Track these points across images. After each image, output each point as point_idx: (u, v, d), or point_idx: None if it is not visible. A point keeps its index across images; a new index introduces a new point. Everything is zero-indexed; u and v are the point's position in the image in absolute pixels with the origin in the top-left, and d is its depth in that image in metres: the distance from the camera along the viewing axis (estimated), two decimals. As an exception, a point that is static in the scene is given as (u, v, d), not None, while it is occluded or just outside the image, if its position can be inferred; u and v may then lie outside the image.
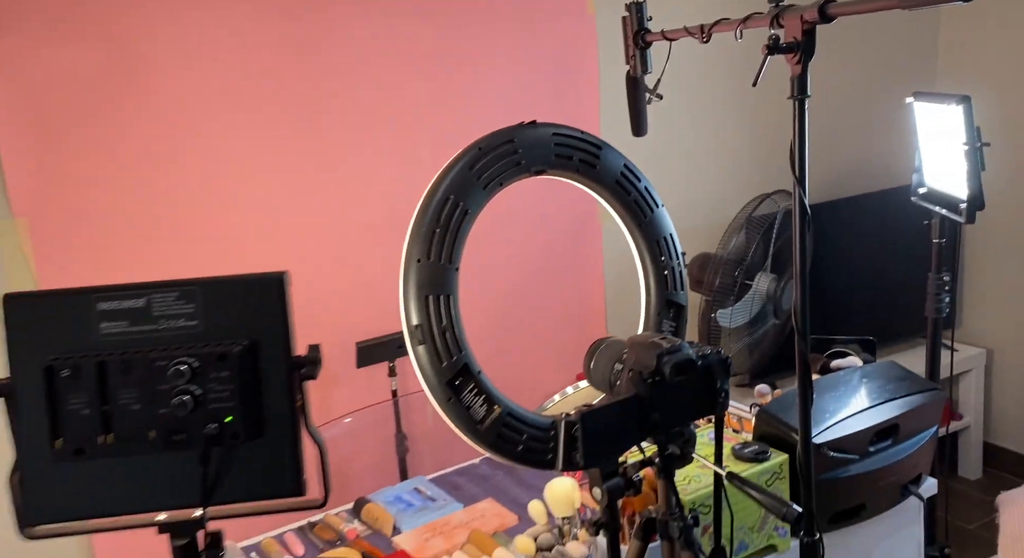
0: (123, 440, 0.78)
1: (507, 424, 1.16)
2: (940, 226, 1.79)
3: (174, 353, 0.78)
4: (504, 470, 1.90)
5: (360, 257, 2.06)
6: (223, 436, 0.78)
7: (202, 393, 0.78)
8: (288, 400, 0.81)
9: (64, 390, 0.77)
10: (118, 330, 0.79)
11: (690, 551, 1.02)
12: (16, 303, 0.78)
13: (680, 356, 0.99)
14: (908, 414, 1.57)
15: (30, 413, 0.78)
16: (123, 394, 0.78)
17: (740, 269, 2.42)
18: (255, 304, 0.80)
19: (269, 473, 0.81)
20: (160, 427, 0.78)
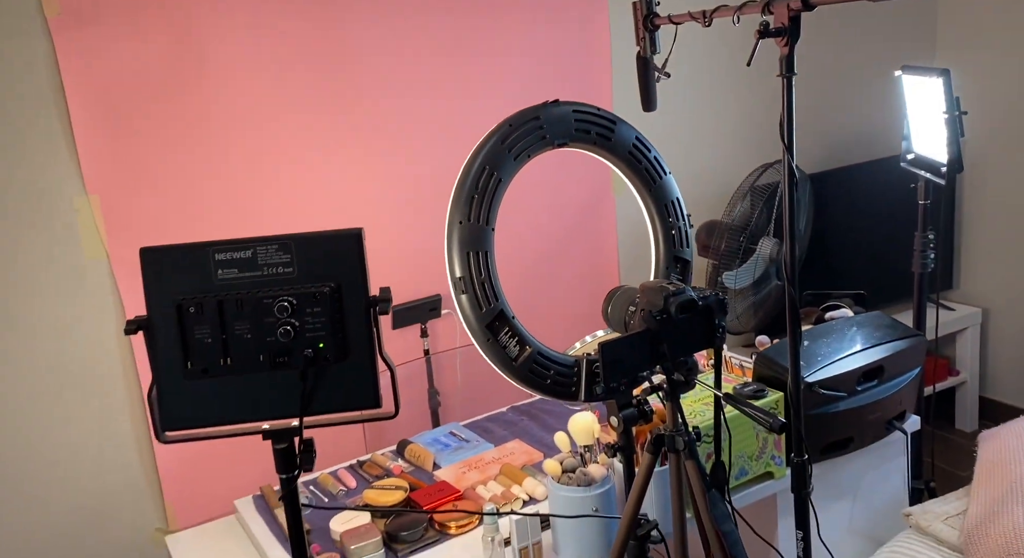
0: (239, 362, 0.98)
1: (537, 362, 1.36)
2: (925, 189, 1.96)
3: (276, 293, 0.98)
4: (528, 416, 2.11)
5: (395, 229, 2.25)
6: (317, 359, 0.98)
7: (299, 325, 0.98)
8: (366, 330, 1.00)
9: (191, 323, 0.97)
10: (231, 275, 0.98)
11: (693, 460, 1.22)
12: (151, 255, 0.98)
13: (684, 297, 1.18)
14: (892, 357, 1.75)
15: (164, 342, 0.98)
16: (237, 326, 0.98)
17: (744, 234, 2.59)
18: (338, 254, 0.99)
19: (352, 389, 1.01)
20: (267, 352, 0.98)
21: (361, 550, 1.50)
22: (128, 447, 1.98)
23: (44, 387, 1.88)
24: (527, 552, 1.45)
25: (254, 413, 1.01)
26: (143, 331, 0.98)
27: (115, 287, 1.92)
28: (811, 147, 2.98)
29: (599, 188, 2.55)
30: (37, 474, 1.89)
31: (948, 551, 1.64)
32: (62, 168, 1.84)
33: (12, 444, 1.86)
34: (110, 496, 1.98)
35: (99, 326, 1.92)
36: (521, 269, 2.46)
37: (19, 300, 1.83)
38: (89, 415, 1.93)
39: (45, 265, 1.85)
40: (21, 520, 1.88)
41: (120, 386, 1.95)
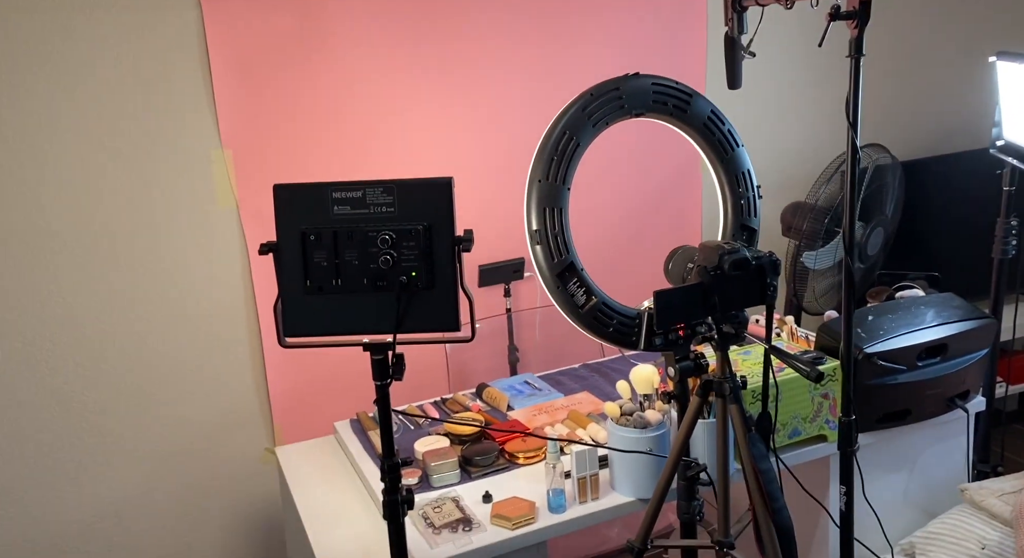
0: (347, 283, 1.18)
1: (601, 310, 1.51)
2: (1011, 175, 1.96)
3: (380, 228, 1.17)
4: (598, 373, 2.26)
5: (487, 194, 2.43)
6: (409, 285, 1.17)
7: (397, 255, 1.17)
8: (451, 264, 1.19)
9: (311, 249, 1.18)
10: (345, 211, 1.18)
11: (737, 405, 1.34)
12: (283, 191, 1.19)
13: (738, 255, 1.30)
14: (958, 336, 1.79)
15: (289, 263, 1.19)
16: (347, 253, 1.18)
17: (829, 216, 2.62)
18: (432, 198, 1.17)
19: (438, 313, 1.19)
20: (370, 276, 1.18)
21: (439, 468, 1.70)
22: (245, 373, 2.26)
23: (175, 317, 2.18)
24: (584, 482, 1.61)
25: (357, 327, 1.21)
26: (273, 253, 1.20)
27: (242, 233, 2.20)
28: (907, 135, 2.95)
29: (689, 163, 2.65)
30: (164, 393, 2.20)
31: (999, 525, 1.69)
32: (203, 123, 2.11)
33: (147, 366, 2.18)
34: (227, 416, 2.28)
35: (226, 266, 2.20)
36: (605, 231, 2.59)
37: (158, 239, 2.13)
38: (213, 343, 2.23)
39: (183, 209, 2.14)
40: (145, 433, 2.21)
41: (241, 318, 2.23)
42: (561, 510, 1.60)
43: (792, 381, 1.69)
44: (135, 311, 2.14)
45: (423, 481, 1.72)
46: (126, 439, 2.18)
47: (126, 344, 2.14)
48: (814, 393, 1.73)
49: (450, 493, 1.67)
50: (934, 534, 1.76)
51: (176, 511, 2.28)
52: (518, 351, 2.65)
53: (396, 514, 1.28)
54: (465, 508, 1.61)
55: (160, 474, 2.24)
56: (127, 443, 2.19)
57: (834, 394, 1.75)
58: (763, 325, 1.36)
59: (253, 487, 2.35)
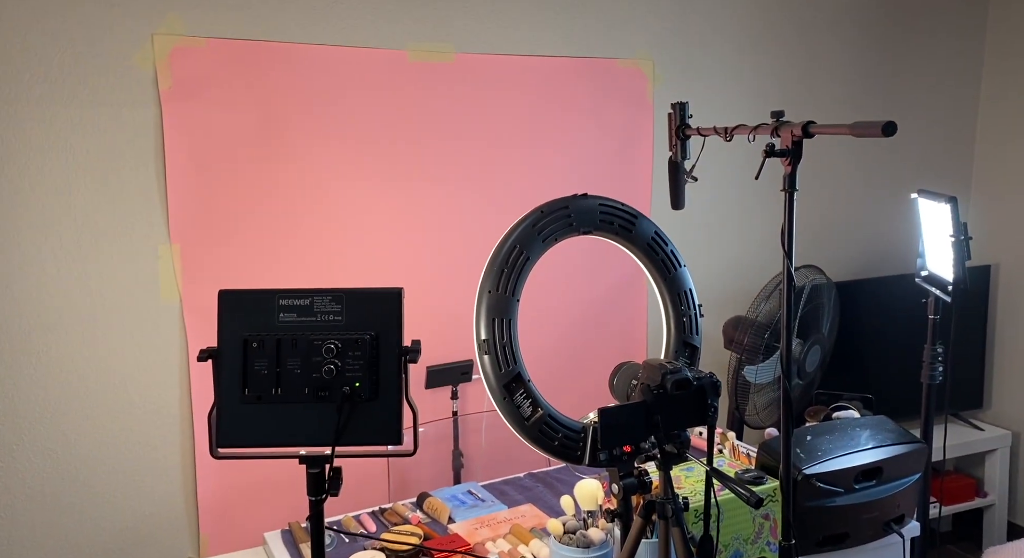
0: (287, 392, 1.16)
1: (547, 423, 1.50)
2: (935, 304, 2.07)
3: (325, 337, 1.16)
4: (543, 483, 2.22)
5: (436, 297, 2.45)
6: (352, 395, 1.16)
7: (341, 365, 1.16)
8: (396, 375, 1.18)
9: (253, 357, 1.16)
10: (291, 319, 1.17)
11: (679, 527, 1.33)
12: (228, 297, 1.18)
13: (680, 375, 1.32)
14: (892, 460, 1.83)
15: (229, 371, 1.17)
16: (290, 361, 1.16)
17: (769, 331, 2.71)
18: (381, 307, 1.18)
19: (380, 425, 1.17)
20: (312, 386, 1.16)
21: (371, 587, 1.62)
22: (173, 477, 2.16)
23: (105, 412, 2.09)
24: (523, 605, 1.55)
25: (295, 439, 1.18)
26: (212, 359, 1.17)
27: (183, 329, 2.15)
28: (840, 258, 3.12)
29: (634, 278, 2.72)
30: (79, 497, 2.08)
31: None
32: (152, 217, 2.10)
33: (69, 460, 2.06)
34: (148, 522, 2.15)
35: (164, 363, 2.14)
36: (552, 341, 2.62)
37: (94, 331, 2.07)
38: (144, 443, 2.13)
39: (125, 302, 2.09)
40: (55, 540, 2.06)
41: (175, 419, 2.15)
42: (498, 635, 1.52)
43: (734, 500, 1.68)
44: (58, 404, 2.04)
45: (354, 600, 1.63)
46: (37, 543, 2.03)
47: (43, 440, 2.03)
48: (755, 514, 1.72)
49: (382, 614, 1.59)
50: None
51: (81, 628, 2.10)
52: (463, 456, 2.60)
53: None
54: (396, 632, 1.52)
55: (67, 586, 2.08)
56: (39, 548, 2.03)
57: (775, 515, 1.75)
58: (706, 438, 1.37)
59: (169, 602, 2.19)
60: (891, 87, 3.12)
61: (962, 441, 3.04)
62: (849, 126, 1.30)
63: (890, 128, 1.21)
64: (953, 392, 3.06)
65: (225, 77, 2.10)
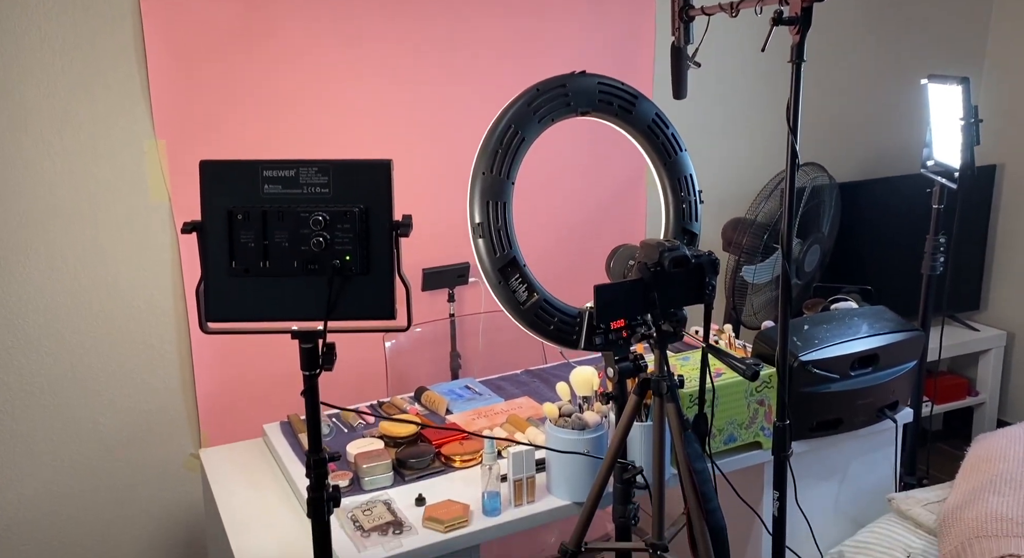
0: (276, 266, 1.13)
1: (543, 308, 1.49)
2: (940, 193, 2.03)
3: (313, 209, 1.13)
4: (540, 379, 2.23)
5: (431, 196, 2.40)
6: (343, 269, 1.13)
7: (330, 238, 1.13)
8: (387, 250, 1.15)
9: (238, 229, 1.13)
10: (276, 191, 1.13)
11: (673, 403, 1.33)
12: (209, 167, 1.14)
13: (678, 253, 1.29)
14: (888, 347, 1.83)
15: (215, 244, 1.14)
16: (277, 234, 1.13)
17: (768, 232, 2.67)
18: (370, 180, 1.14)
19: (372, 300, 1.15)
20: (301, 259, 1.13)
21: (372, 470, 1.64)
22: (171, 374, 2.16)
23: (99, 311, 2.08)
24: (520, 484, 1.58)
25: (286, 313, 1.16)
26: (197, 232, 1.14)
27: (173, 228, 2.11)
28: (843, 158, 3.05)
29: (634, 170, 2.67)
30: (80, 395, 2.09)
31: (924, 534, 1.72)
32: (136, 112, 2.03)
33: (66, 358, 2.06)
34: (149, 419, 2.17)
35: (156, 262, 2.11)
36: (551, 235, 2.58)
37: (83, 232, 2.03)
38: (138, 342, 2.13)
39: (113, 201, 2.05)
40: (59, 437, 2.08)
41: (170, 316, 2.14)
42: (496, 513, 1.56)
43: (729, 386, 1.69)
44: (54, 306, 2.02)
45: (354, 484, 1.66)
46: (37, 442, 2.06)
47: (42, 341, 2.03)
48: (750, 399, 1.73)
49: (381, 496, 1.62)
50: (862, 543, 1.78)
51: (92, 520, 2.15)
52: (460, 357, 2.61)
53: (320, 512, 1.22)
54: (396, 511, 1.55)
55: (75, 480, 2.11)
56: (38, 446, 2.06)
57: (769, 401, 1.76)
58: (703, 323, 1.35)
59: (176, 495, 2.24)
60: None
61: (957, 341, 3.06)
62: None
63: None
64: (951, 293, 3.06)
65: (202, -41, 1.99)
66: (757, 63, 2.79)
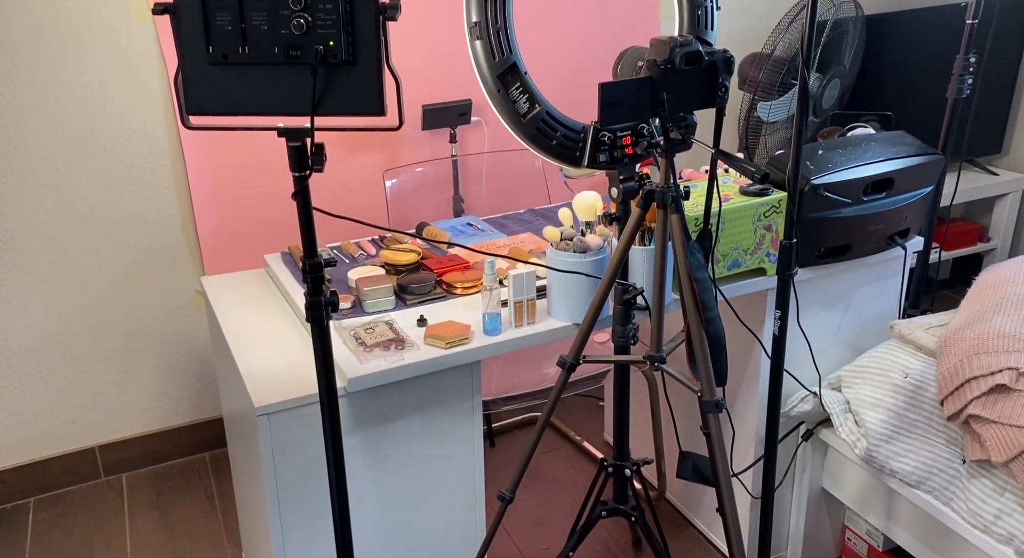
0: (255, 52, 1.06)
1: (545, 121, 1.41)
2: (976, 6, 1.88)
3: (293, -12, 1.04)
4: (543, 217, 2.19)
5: (432, 31, 2.26)
6: (327, 56, 1.05)
7: (311, 20, 1.04)
8: (374, 36, 1.06)
9: (213, 9, 1.05)
10: (252, -32, 1.04)
11: (678, 214, 1.29)
12: (178, -58, 1.04)
13: (690, 48, 1.20)
14: (904, 171, 1.76)
15: (190, 27, 1.06)
16: (255, 16, 1.05)
17: (787, 67, 2.53)
18: (353, -45, 1.04)
19: (360, 94, 1.08)
20: (282, 44, 1.05)
21: (374, 293, 1.64)
22: (171, 211, 2.13)
23: (88, 147, 2.02)
24: (521, 306, 1.57)
25: (270, 106, 1.10)
26: (170, 15, 1.06)
27: (160, 52, 2.00)
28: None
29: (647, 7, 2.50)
30: (80, 232, 2.06)
31: (923, 356, 1.72)
32: (108, -79, 1.87)
33: (63, 191, 2.02)
34: (152, 256, 2.16)
35: (144, 89, 2.02)
36: (560, 59, 2.46)
37: (67, 53, 1.93)
38: (133, 178, 2.08)
39: (94, 24, 1.93)
40: (62, 272, 2.08)
41: (164, 150, 2.08)
42: (496, 333, 1.56)
43: (736, 210, 1.64)
44: (47, 138, 1.96)
45: (356, 307, 1.66)
46: (46, 277, 2.06)
47: (32, 171, 1.98)
48: (757, 225, 1.69)
49: (384, 317, 1.62)
50: (861, 367, 1.80)
51: (106, 351, 2.20)
52: (463, 201, 2.57)
53: (320, 316, 1.21)
54: (399, 330, 1.56)
55: (87, 314, 2.14)
56: (45, 282, 2.07)
57: (777, 226, 1.72)
58: (714, 129, 1.28)
59: (184, 331, 2.27)
60: None
61: (974, 185, 2.98)
62: None
63: None
64: (972, 136, 2.94)
65: None
66: None
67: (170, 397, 2.32)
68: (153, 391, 2.29)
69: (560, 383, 1.45)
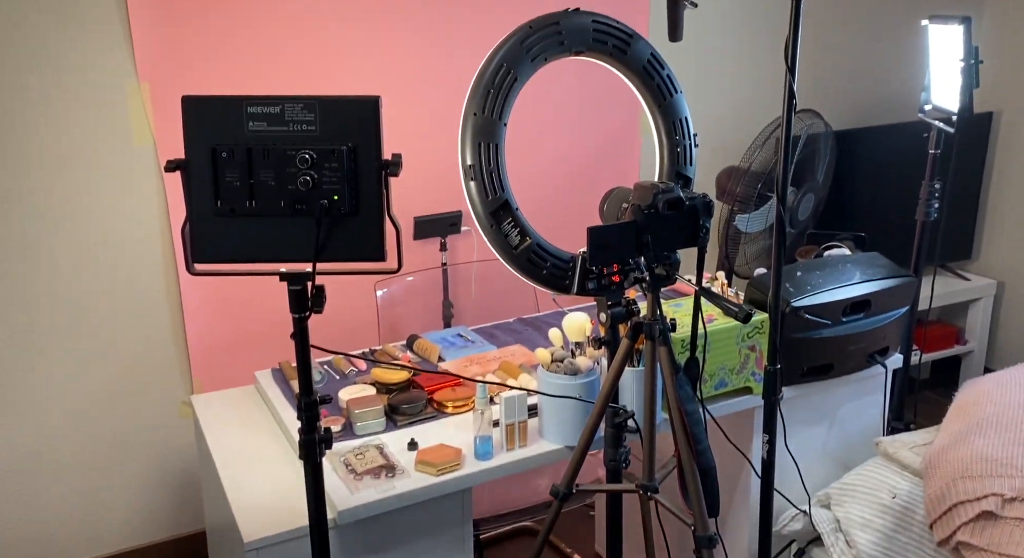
0: (262, 205, 1.11)
1: (535, 252, 1.47)
2: (937, 138, 2.00)
3: (299, 147, 1.10)
4: (533, 327, 2.23)
5: (424, 147, 2.36)
6: (331, 209, 1.11)
7: (318, 177, 1.10)
8: (376, 190, 1.12)
9: (223, 167, 1.10)
10: (261, 128, 1.10)
11: (665, 347, 1.33)
12: (191, 103, 1.10)
13: (672, 195, 1.27)
14: (881, 293, 1.83)
15: (199, 182, 1.11)
16: (263, 173, 1.10)
17: (762, 181, 2.65)
18: (358, 117, 1.10)
19: (361, 242, 1.13)
20: (288, 198, 1.11)
21: (364, 415, 1.65)
22: (162, 322, 2.15)
23: (86, 261, 2.05)
24: (513, 429, 1.59)
25: (273, 254, 1.14)
26: (181, 171, 1.11)
27: (159, 172, 2.07)
28: (839, 106, 3.01)
29: (629, 115, 2.63)
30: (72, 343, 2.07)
31: (910, 475, 1.74)
32: (117, 54, 1.97)
33: (55, 306, 2.04)
34: (141, 367, 2.17)
35: (143, 207, 2.08)
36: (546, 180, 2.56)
37: (69, 179, 1.99)
38: (127, 290, 2.11)
39: (96, 144, 2.00)
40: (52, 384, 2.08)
41: (159, 263, 2.12)
42: (488, 457, 1.57)
43: (721, 331, 1.69)
44: (42, 253, 2.00)
45: (346, 430, 1.67)
46: (29, 389, 2.05)
47: (31, 288, 2.00)
48: (742, 345, 1.74)
49: (374, 441, 1.62)
50: (849, 485, 1.81)
51: (87, 466, 2.17)
52: (453, 306, 2.60)
53: (313, 453, 1.22)
54: (389, 455, 1.56)
55: (69, 427, 2.12)
56: (30, 394, 2.06)
57: (761, 347, 1.76)
58: (696, 266, 1.34)
59: (170, 442, 2.25)
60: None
61: (948, 290, 3.07)
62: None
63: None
64: (943, 242, 3.06)
65: None
66: (754, 5, 2.73)
67: (152, 511, 2.27)
68: (134, 505, 2.24)
69: (553, 513, 1.45)
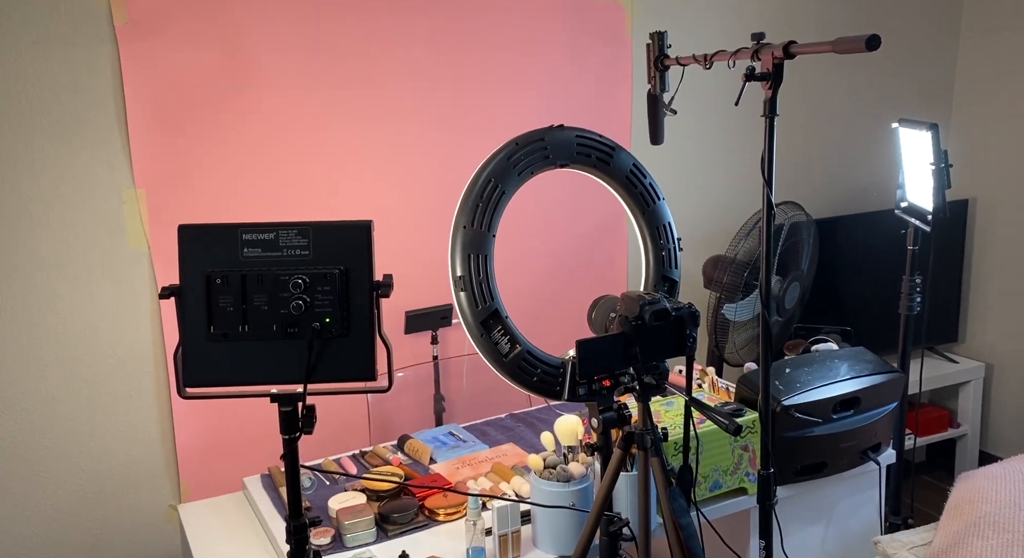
0: (255, 330, 1.12)
1: (525, 360, 1.48)
2: (914, 235, 2.06)
3: (292, 272, 1.12)
4: (524, 423, 2.22)
5: (414, 240, 2.40)
6: (323, 331, 1.12)
7: (310, 301, 1.12)
8: (368, 311, 1.14)
9: (217, 293, 1.12)
10: (255, 254, 1.13)
11: (657, 457, 1.33)
12: (188, 232, 1.13)
13: (658, 306, 1.30)
14: (870, 389, 1.84)
15: (192, 308, 1.13)
16: (256, 298, 1.12)
17: (748, 270, 2.70)
18: (350, 241, 1.14)
19: (352, 362, 1.14)
20: (280, 322, 1.12)
21: (354, 526, 1.62)
22: (150, 424, 2.13)
23: (76, 362, 2.05)
24: (506, 539, 1.56)
25: (265, 377, 1.15)
26: (175, 297, 1.13)
27: (152, 276, 2.10)
28: (819, 194, 3.10)
29: (614, 215, 2.69)
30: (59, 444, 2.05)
31: (911, 578, 1.71)
32: (115, 162, 2.02)
33: (42, 410, 2.02)
34: (129, 470, 2.13)
35: (134, 311, 2.09)
36: (531, 280, 2.59)
37: (61, 280, 2.01)
38: (116, 392, 2.09)
39: (91, 249, 2.03)
40: (37, 488, 2.04)
41: (148, 366, 2.11)
42: (480, 569, 1.53)
43: (713, 433, 1.69)
44: (30, 354, 1.99)
45: (336, 541, 1.63)
46: (12, 490, 2.01)
47: (17, 389, 1.99)
48: (734, 445, 1.73)
49: (364, 553, 1.59)
50: (851, 587, 1.77)
51: (65, 575, 2.10)
52: (444, 400, 2.59)
53: (302, 578, 1.19)
54: (380, 568, 1.53)
55: (54, 531, 2.06)
56: (13, 495, 2.01)
57: (754, 446, 1.76)
58: (685, 375, 1.36)
59: (155, 545, 2.19)
60: (872, 16, 3.05)
61: (937, 374, 3.09)
62: (832, 42, 1.26)
63: (874, 42, 1.17)
64: (929, 325, 3.09)
65: (184, 12, 2.00)
66: (730, 108, 2.85)
67: (131, 623, 2.18)
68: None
69: (547, 631, 1.40)
